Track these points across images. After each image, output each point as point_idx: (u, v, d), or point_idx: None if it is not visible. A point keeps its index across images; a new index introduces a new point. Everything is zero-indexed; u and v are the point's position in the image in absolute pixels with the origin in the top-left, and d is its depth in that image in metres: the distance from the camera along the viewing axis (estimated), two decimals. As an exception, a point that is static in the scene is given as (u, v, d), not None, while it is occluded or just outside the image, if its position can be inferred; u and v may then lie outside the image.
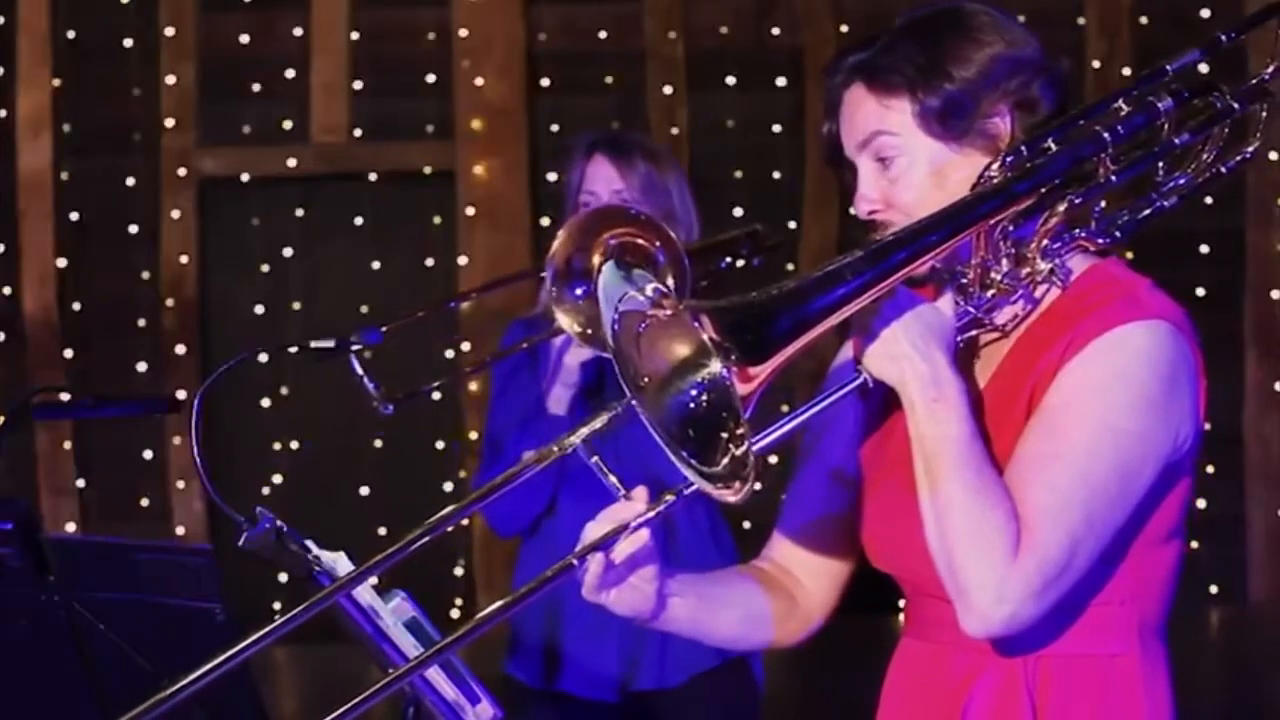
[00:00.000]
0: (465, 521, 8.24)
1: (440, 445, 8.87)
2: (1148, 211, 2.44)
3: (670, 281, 2.30)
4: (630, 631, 3.96)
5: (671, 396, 2.19)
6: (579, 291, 3.76)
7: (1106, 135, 2.37)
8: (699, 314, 2.11)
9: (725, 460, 2.13)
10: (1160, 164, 2.43)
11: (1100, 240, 2.41)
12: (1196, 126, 2.44)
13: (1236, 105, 2.45)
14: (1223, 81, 2.49)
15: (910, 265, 2.24)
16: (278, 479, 9.16)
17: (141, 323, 9.16)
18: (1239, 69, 7.68)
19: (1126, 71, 9.12)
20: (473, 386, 8.69)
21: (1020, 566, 2.24)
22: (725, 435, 2.13)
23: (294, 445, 9.18)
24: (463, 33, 9.18)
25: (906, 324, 2.27)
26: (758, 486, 2.12)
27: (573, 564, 2.33)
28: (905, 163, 2.38)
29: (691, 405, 2.17)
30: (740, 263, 4.12)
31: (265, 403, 9.18)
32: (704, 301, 2.13)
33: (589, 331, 3.74)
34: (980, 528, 2.23)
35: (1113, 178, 2.38)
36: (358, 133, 9.20)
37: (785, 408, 2.15)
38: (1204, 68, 2.55)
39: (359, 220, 9.28)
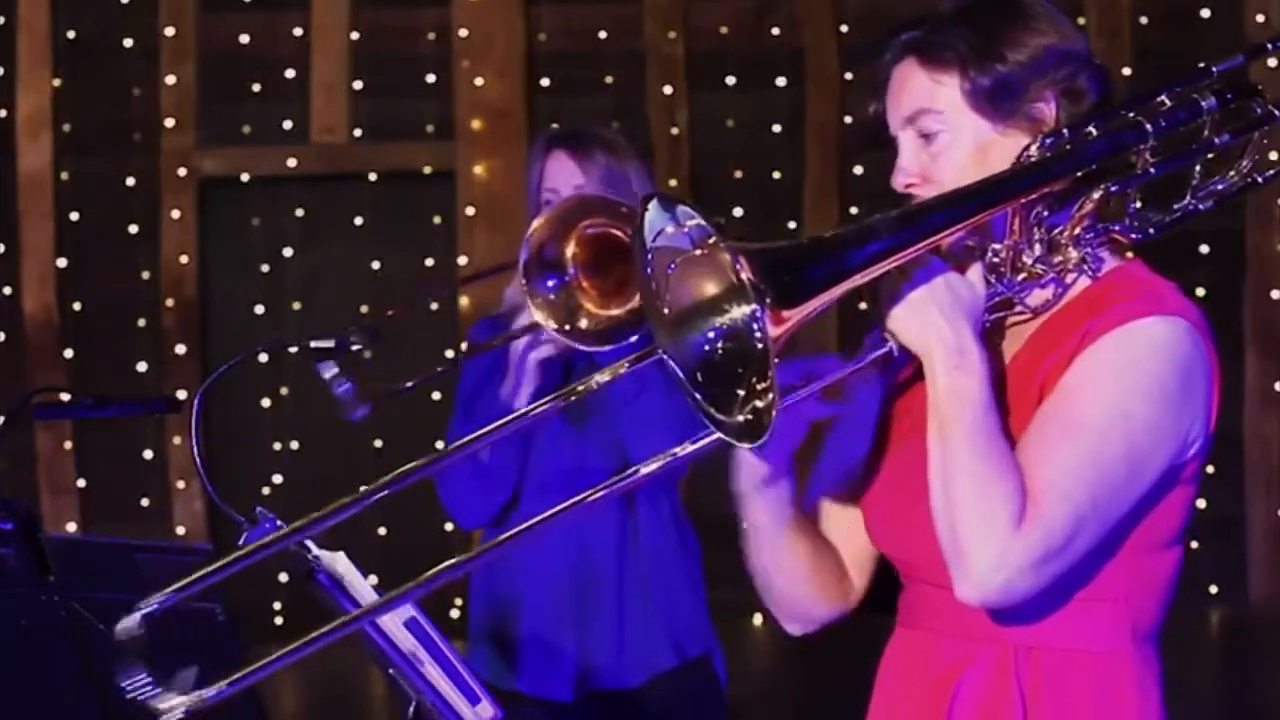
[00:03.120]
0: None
1: (440, 445, 8.87)
2: (1182, 212, 2.46)
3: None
4: (584, 629, 3.95)
5: (695, 334, 2.20)
6: (550, 283, 3.77)
7: (1148, 126, 2.38)
8: (739, 253, 2.11)
9: (746, 407, 2.14)
10: (1198, 166, 2.45)
11: (1133, 236, 2.43)
12: (1236, 130, 2.45)
13: (1277, 112, 2.46)
14: (1250, 84, 2.50)
15: (943, 231, 2.26)
16: (278, 479, 9.16)
17: (141, 323, 9.16)
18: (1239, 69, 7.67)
19: (1126, 71, 9.12)
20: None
21: (1023, 536, 2.25)
22: (749, 381, 2.14)
23: (294, 445, 9.19)
24: (463, 33, 9.18)
25: (936, 292, 2.28)
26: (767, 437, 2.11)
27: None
28: (948, 139, 2.40)
29: (715, 346, 2.19)
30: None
31: (265, 403, 9.18)
32: (742, 243, 2.12)
33: (566, 327, 3.75)
34: (987, 494, 2.25)
35: (1150, 170, 2.40)
36: (358, 133, 9.21)
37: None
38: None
39: (359, 220, 9.28)
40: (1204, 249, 9.16)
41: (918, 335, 2.29)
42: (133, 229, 9.16)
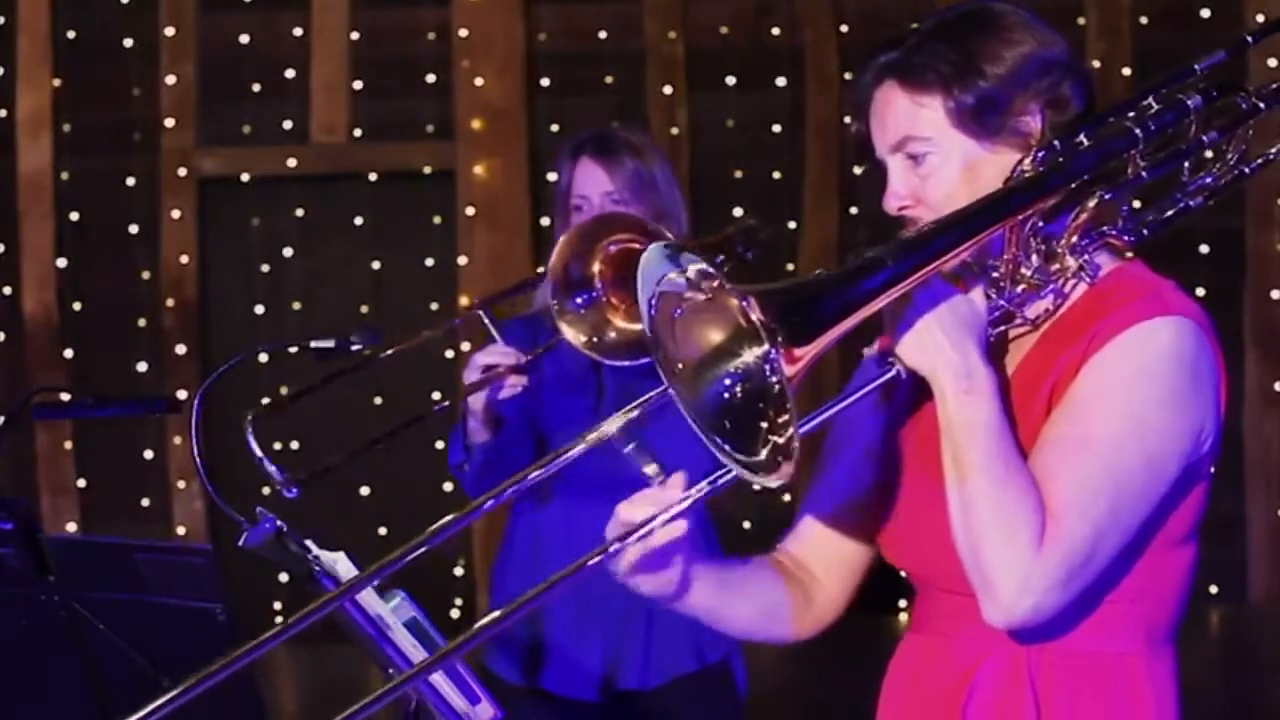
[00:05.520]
0: (465, 521, 8.24)
1: (440, 445, 8.87)
2: (1174, 210, 2.46)
3: None
4: (614, 630, 3.95)
5: (710, 383, 2.20)
6: (579, 300, 3.78)
7: (1138, 132, 2.38)
8: (747, 295, 2.11)
9: (766, 447, 2.14)
10: (1186, 163, 2.45)
11: (1127, 238, 2.43)
12: (1223, 126, 2.45)
13: (1262, 105, 2.46)
14: (1233, 79, 2.50)
15: (947, 255, 2.26)
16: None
17: (141, 323, 9.17)
18: (1239, 69, 7.67)
19: (1126, 72, 9.12)
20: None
21: (1045, 557, 2.25)
22: (767, 421, 2.14)
23: (294, 445, 9.19)
24: (463, 33, 9.18)
25: (940, 315, 2.28)
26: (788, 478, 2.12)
27: (609, 549, 2.32)
28: (937, 160, 2.39)
29: (731, 391, 2.19)
30: (733, 260, 4.12)
31: (265, 403, 9.17)
32: (748, 285, 2.12)
33: (595, 340, 3.76)
34: (1007, 518, 2.25)
35: (1143, 174, 2.40)
36: (358, 133, 9.21)
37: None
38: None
39: (359, 220, 9.28)
40: (1204, 249, 9.16)
41: (924, 360, 2.29)
42: (133, 229, 9.16)
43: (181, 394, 8.22)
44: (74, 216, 9.13)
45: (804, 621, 2.59)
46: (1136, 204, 2.47)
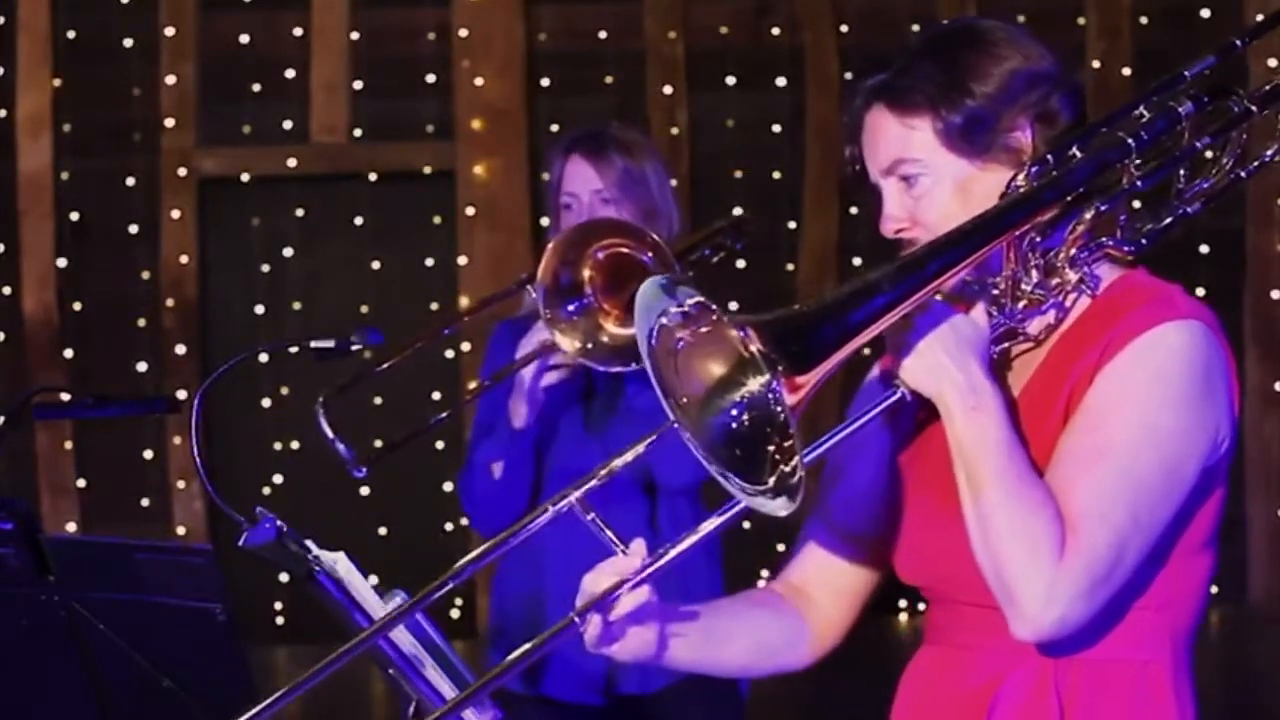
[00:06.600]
0: (465, 522, 8.32)
1: (440, 446, 8.87)
2: (1173, 218, 2.46)
3: None
4: None
5: (714, 414, 2.20)
6: (571, 308, 3.78)
7: (1130, 141, 2.38)
8: (745, 326, 2.11)
9: (773, 475, 2.14)
10: (1182, 170, 2.45)
11: (1126, 248, 2.42)
12: (1216, 130, 2.45)
13: (1254, 108, 2.46)
14: (1224, 83, 2.50)
15: (944, 275, 2.26)
16: (278, 479, 9.16)
17: (141, 323, 9.17)
18: (1239, 70, 7.68)
19: (1126, 72, 9.12)
20: (470, 385, 8.68)
21: (1067, 568, 2.24)
22: (772, 449, 2.14)
23: (294, 445, 9.19)
24: (463, 33, 9.18)
25: (941, 335, 2.28)
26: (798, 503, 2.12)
27: (575, 620, 2.34)
28: (930, 181, 2.39)
29: (736, 422, 2.19)
30: (724, 253, 4.12)
31: (265, 403, 9.18)
32: (746, 315, 2.13)
33: (589, 346, 3.76)
34: (1026, 531, 2.24)
35: (1137, 183, 2.40)
36: (358, 133, 9.21)
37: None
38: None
39: (359, 220, 9.29)
40: (1204, 249, 9.16)
41: (929, 381, 2.29)
42: (133, 229, 9.16)
43: (181, 394, 8.23)
44: (74, 216, 9.13)
45: (805, 649, 2.58)
46: (1137, 204, 2.47)
